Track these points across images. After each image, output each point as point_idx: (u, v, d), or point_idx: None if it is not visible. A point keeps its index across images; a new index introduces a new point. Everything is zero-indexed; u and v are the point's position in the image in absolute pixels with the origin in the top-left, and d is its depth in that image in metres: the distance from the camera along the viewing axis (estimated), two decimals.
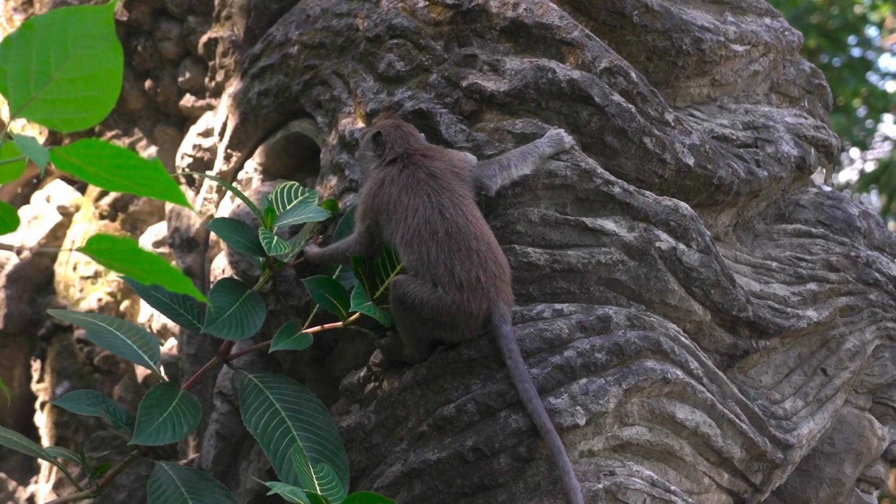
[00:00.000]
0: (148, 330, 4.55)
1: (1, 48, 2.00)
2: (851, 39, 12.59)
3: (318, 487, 3.01)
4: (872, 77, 13.29)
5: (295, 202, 3.58)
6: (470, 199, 3.19)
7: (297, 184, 3.69)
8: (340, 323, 3.36)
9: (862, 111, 12.98)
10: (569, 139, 3.32)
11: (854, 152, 13.09)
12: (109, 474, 3.39)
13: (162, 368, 4.34)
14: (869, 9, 13.34)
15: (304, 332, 3.37)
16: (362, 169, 3.43)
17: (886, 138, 13.22)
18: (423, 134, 3.37)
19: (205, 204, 4.22)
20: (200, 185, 4.33)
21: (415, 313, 3.10)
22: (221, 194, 4.19)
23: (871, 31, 13.47)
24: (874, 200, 12.80)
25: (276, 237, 3.42)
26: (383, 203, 3.21)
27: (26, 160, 2.16)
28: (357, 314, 3.31)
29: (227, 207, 4.05)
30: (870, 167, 13.14)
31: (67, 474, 3.46)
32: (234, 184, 4.11)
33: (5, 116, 5.06)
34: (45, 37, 2.01)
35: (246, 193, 3.97)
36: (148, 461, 3.42)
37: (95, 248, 2.15)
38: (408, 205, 3.16)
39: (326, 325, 3.39)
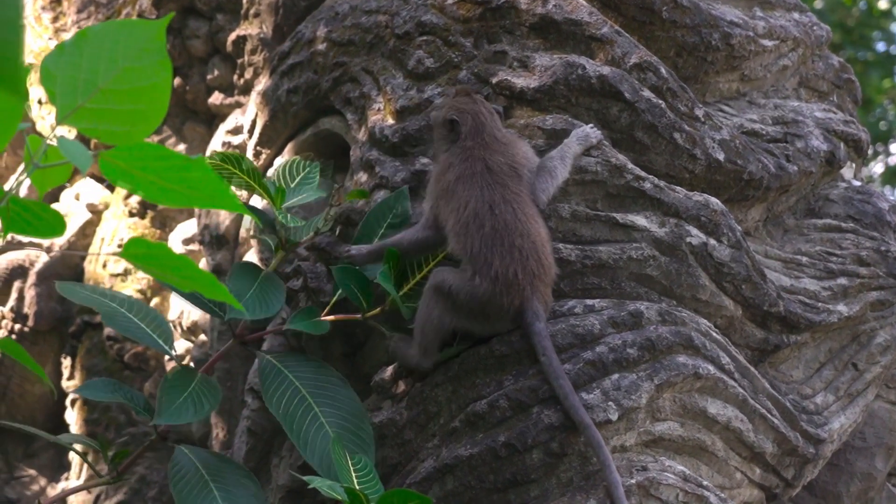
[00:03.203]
0: (176, 328, 4.58)
1: (53, 54, 2.00)
2: (876, 35, 12.56)
3: (355, 481, 3.01)
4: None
5: (298, 178, 3.62)
6: (524, 196, 3.18)
7: (298, 158, 3.72)
8: (360, 316, 3.39)
9: (887, 104, 12.95)
10: (596, 134, 3.33)
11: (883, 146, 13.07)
12: (128, 461, 3.41)
13: (192, 365, 4.37)
14: (893, 3, 13.29)
15: (322, 318, 3.40)
16: (434, 144, 3.41)
17: None
18: (498, 113, 3.34)
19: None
20: (230, 181, 4.34)
21: (450, 300, 3.11)
22: (252, 189, 4.20)
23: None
24: None
25: (290, 214, 3.48)
26: (443, 189, 3.23)
27: (72, 164, 2.16)
28: (377, 310, 3.34)
29: (258, 203, 4.06)
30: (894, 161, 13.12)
31: (85, 459, 3.49)
32: (271, 169, 4.12)
33: (42, 125, 5.08)
34: (97, 47, 2.01)
35: None
36: (168, 447, 3.43)
37: (132, 252, 2.16)
38: (462, 196, 3.17)
39: (345, 316, 3.43)
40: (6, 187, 2.19)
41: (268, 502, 3.26)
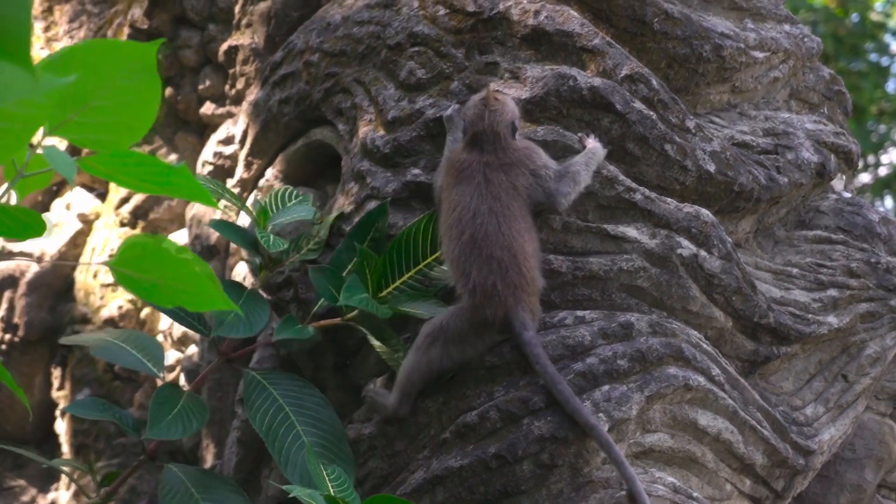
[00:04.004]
0: (167, 338, 4.58)
1: (40, 67, 2.01)
2: (869, 46, 12.57)
3: (331, 490, 3.02)
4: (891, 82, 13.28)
5: (289, 205, 3.65)
6: (516, 211, 3.17)
7: (291, 188, 3.75)
8: (339, 319, 3.42)
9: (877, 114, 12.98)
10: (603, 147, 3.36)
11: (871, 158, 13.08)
12: (118, 482, 3.44)
13: (182, 375, 4.37)
14: (884, 15, 13.32)
15: (304, 325, 3.42)
16: (448, 125, 3.42)
17: None
18: (517, 123, 3.30)
19: (226, 211, 4.23)
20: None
21: (441, 336, 3.12)
22: (242, 200, 4.20)
23: (889, 38, 13.43)
24: (888, 204, 12.81)
25: (272, 235, 3.49)
26: (446, 184, 3.26)
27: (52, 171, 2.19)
28: (356, 311, 3.35)
29: (245, 221, 4.07)
30: (883, 172, 13.14)
31: (76, 482, 3.51)
32: (255, 191, 4.13)
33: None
34: (87, 64, 2.02)
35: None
36: (156, 465, 3.47)
37: (126, 256, 2.16)
38: (453, 199, 3.19)
39: (326, 322, 3.45)
40: None
41: None
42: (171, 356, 4.62)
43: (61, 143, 4.62)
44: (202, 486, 3.26)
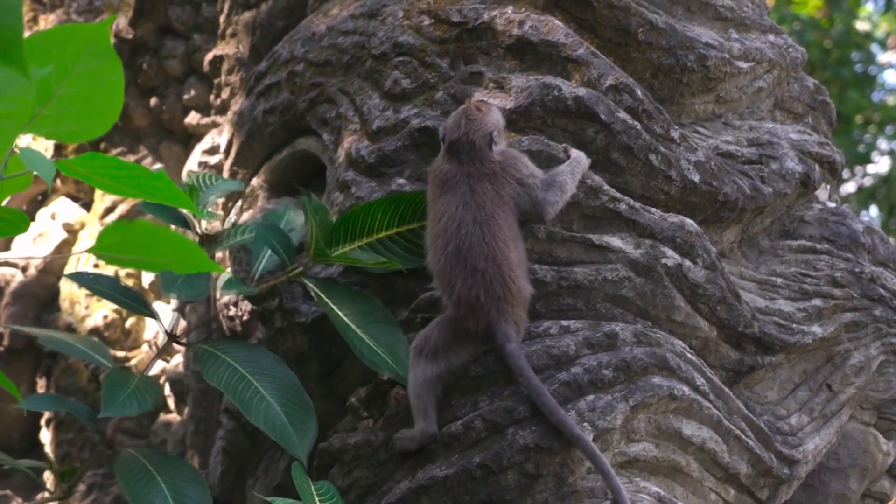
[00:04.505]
0: (152, 347, 4.58)
1: None
2: (855, 56, 12.62)
3: (317, 503, 3.01)
4: (876, 92, 13.33)
5: (216, 183, 3.69)
6: (503, 221, 3.17)
7: (211, 173, 3.78)
8: (284, 277, 3.46)
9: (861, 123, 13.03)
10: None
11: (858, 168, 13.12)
12: (77, 476, 3.49)
13: (167, 385, 4.36)
14: (871, 24, 13.36)
15: (249, 285, 3.48)
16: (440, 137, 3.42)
17: (893, 152, 13.23)
18: (496, 134, 3.27)
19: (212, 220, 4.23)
20: None
21: (426, 346, 3.13)
22: (227, 209, 4.20)
23: (875, 48, 13.47)
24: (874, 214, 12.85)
25: (205, 210, 3.57)
26: (432, 195, 3.25)
27: (32, 173, 2.19)
28: (300, 269, 3.42)
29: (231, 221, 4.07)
30: (868, 182, 13.17)
31: (37, 479, 3.51)
32: (240, 201, 4.13)
33: None
34: (44, 54, 2.03)
35: (252, 210, 4.00)
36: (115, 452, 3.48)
37: (107, 242, 2.17)
38: (439, 208, 3.19)
39: (273, 281, 3.49)
40: None
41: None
42: (157, 366, 4.62)
43: (47, 152, 4.62)
44: (161, 467, 3.26)
